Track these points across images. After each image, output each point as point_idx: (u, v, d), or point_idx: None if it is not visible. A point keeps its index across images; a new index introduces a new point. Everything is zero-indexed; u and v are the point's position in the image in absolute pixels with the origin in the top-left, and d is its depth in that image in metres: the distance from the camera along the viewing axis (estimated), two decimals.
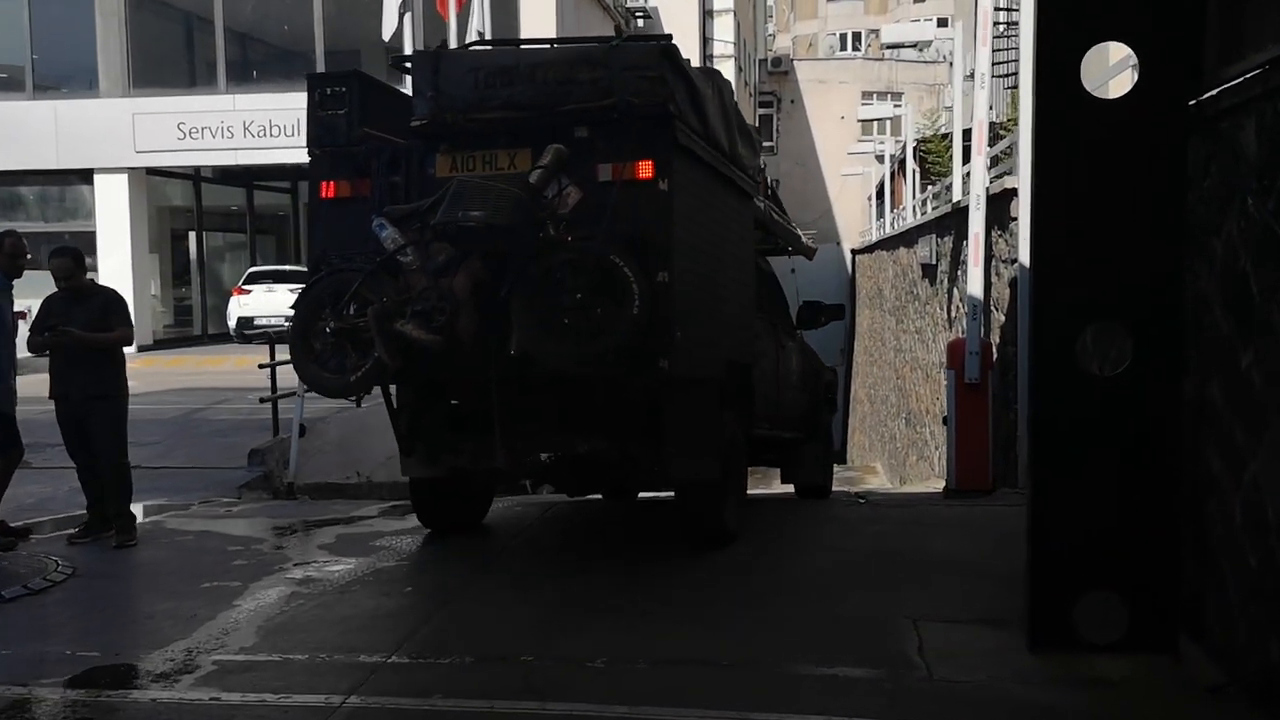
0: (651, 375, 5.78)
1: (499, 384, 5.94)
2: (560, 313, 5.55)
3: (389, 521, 7.88)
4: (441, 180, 5.81)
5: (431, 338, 5.61)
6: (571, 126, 5.75)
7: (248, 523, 7.89)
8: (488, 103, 5.86)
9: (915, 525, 7.61)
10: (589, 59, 5.83)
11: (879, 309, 23.88)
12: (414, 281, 5.74)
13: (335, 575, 6.31)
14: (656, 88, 5.65)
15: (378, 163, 6.05)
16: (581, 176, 5.61)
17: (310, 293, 5.97)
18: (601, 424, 6.33)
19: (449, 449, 6.54)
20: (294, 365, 6.18)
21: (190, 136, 21.18)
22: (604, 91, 5.70)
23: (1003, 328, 9.67)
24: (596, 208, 5.54)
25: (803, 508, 8.77)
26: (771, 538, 7.29)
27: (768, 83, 48.57)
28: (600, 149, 5.71)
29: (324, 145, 6.25)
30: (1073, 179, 4.90)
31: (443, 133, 5.97)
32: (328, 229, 6.19)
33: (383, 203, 5.92)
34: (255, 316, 22.26)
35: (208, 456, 10.48)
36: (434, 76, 5.98)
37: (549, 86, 5.78)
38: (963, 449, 9.45)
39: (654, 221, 5.69)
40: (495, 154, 5.88)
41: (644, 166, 5.68)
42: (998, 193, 9.41)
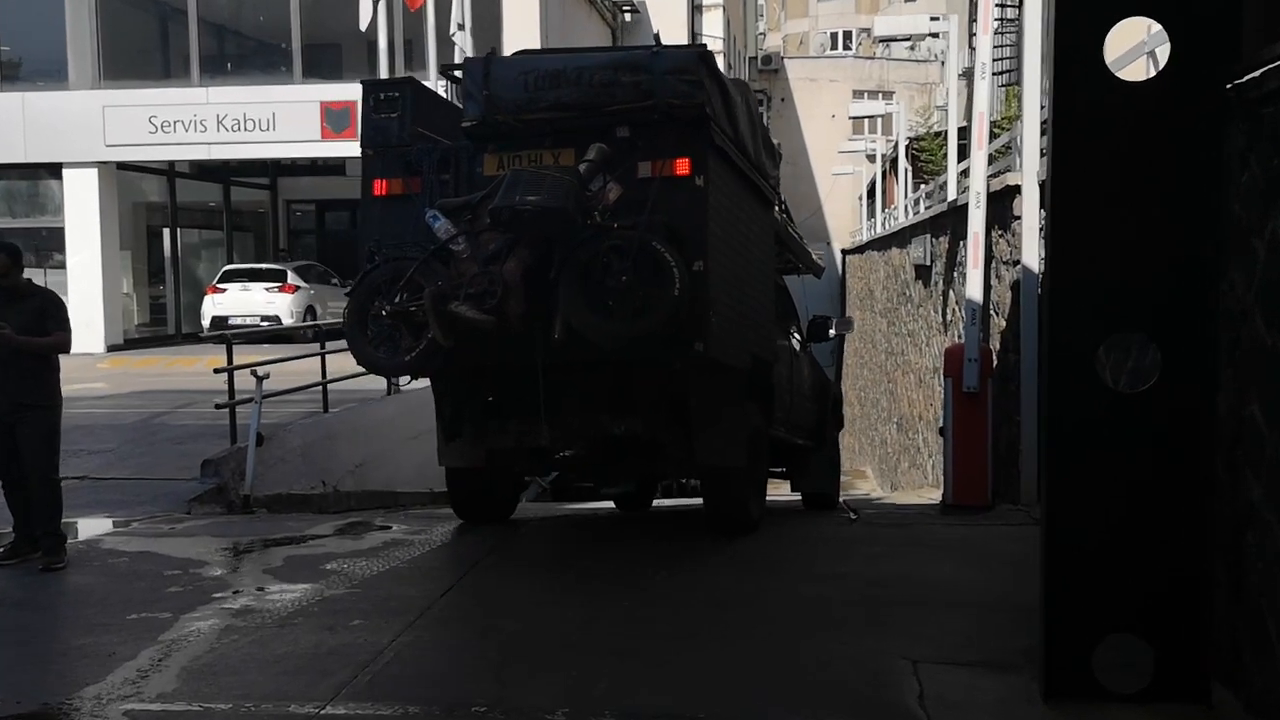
0: (687, 357, 6.16)
1: (545, 365, 6.24)
2: (606, 294, 5.89)
3: (344, 541, 7.32)
4: (489, 178, 6.26)
5: (484, 318, 5.92)
6: (614, 127, 6.14)
7: (191, 542, 7.29)
8: (536, 104, 6.22)
9: (912, 547, 7.06)
10: (632, 64, 6.17)
11: (870, 310, 23.37)
12: (465, 268, 6.07)
13: (277, 605, 5.74)
14: (695, 91, 6.03)
15: (428, 162, 6.46)
16: (623, 173, 6.03)
17: (366, 280, 6.34)
18: (636, 407, 6.68)
19: (496, 429, 6.89)
20: (350, 348, 6.50)
21: (162, 130, 20.52)
22: (645, 94, 6.05)
23: (1003, 333, 9.13)
24: (636, 202, 5.95)
25: (790, 525, 8.22)
26: (754, 561, 6.74)
27: (758, 81, 48.06)
28: (640, 147, 6.11)
29: (377, 146, 6.64)
30: (1094, 171, 4.36)
31: (493, 133, 6.36)
32: (380, 223, 6.54)
33: (432, 199, 6.32)
34: (230, 316, 21.63)
35: (160, 466, 9.89)
36: (485, 80, 6.29)
37: (594, 89, 6.13)
38: (960, 462, 8.91)
39: (690, 214, 6.07)
40: (541, 153, 6.27)
41: (681, 164, 6.08)
42: (999, 190, 8.86)
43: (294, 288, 21.97)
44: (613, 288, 5.87)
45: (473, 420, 7.00)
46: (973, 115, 9.06)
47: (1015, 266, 8.54)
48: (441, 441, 7.29)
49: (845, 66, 50.49)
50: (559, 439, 6.75)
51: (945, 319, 12.72)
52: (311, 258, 27.45)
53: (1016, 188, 8.36)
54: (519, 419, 6.73)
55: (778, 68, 49.07)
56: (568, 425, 6.68)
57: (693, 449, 6.80)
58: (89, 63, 21.03)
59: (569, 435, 6.78)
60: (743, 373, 6.91)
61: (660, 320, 5.85)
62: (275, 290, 21.79)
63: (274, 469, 10.11)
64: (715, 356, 6.25)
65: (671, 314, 5.85)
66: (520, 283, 5.98)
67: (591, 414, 6.71)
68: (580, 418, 6.70)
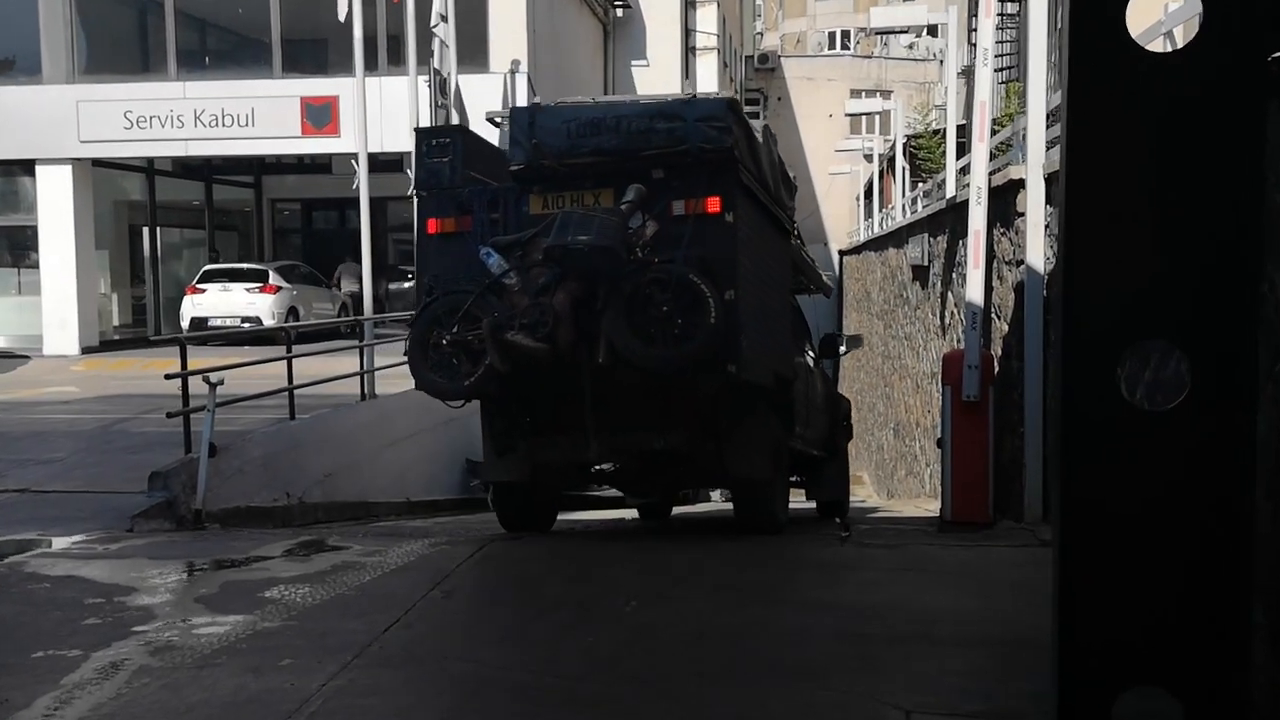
0: (721, 379, 6.78)
1: (591, 387, 6.83)
2: (649, 322, 6.50)
3: (290, 564, 6.73)
4: (535, 217, 6.88)
5: (538, 346, 6.48)
6: (649, 169, 6.74)
7: (123, 566, 6.71)
8: (579, 150, 6.81)
9: (907, 572, 6.49)
10: (666, 112, 6.77)
11: (866, 312, 22.80)
12: (517, 301, 6.64)
13: (202, 641, 5.16)
14: (724, 136, 6.64)
15: (478, 202, 7.05)
16: (659, 211, 6.65)
17: (426, 311, 6.92)
18: (674, 424, 7.19)
19: (545, 446, 7.41)
20: (412, 373, 7.11)
21: (138, 126, 19.96)
22: (679, 139, 6.66)
23: (1005, 339, 8.56)
24: (671, 237, 6.58)
25: (777, 545, 7.64)
26: (737, 588, 6.18)
27: (754, 80, 47.59)
28: (674, 188, 6.72)
29: (430, 188, 7.25)
30: (1115, 158, 3.78)
31: (538, 175, 6.96)
32: (434, 259, 7.16)
33: (482, 237, 6.90)
34: (210, 317, 21.10)
35: (108, 478, 9.31)
36: (530, 128, 6.90)
37: (632, 135, 6.72)
38: (959, 476, 8.35)
39: (721, 248, 6.65)
40: (582, 194, 6.88)
41: (713, 202, 6.65)
42: (1001, 184, 8.29)
43: (276, 288, 21.41)
44: (655, 317, 6.50)
45: (523, 438, 7.48)
46: (973, 106, 8.49)
47: (1019, 267, 7.98)
48: (491, 458, 7.79)
49: (843, 65, 50.00)
50: (604, 454, 7.31)
51: (944, 322, 12.16)
52: (296, 258, 26.91)
53: (1020, 182, 7.79)
54: (568, 436, 7.24)
55: (774, 66, 48.57)
56: (613, 441, 7.21)
57: (723, 461, 7.41)
58: (63, 57, 20.47)
59: (614, 451, 7.33)
60: (768, 390, 7.52)
61: (699, 346, 6.47)
62: (256, 291, 21.23)
63: (231, 481, 9.53)
64: (746, 377, 6.87)
65: (709, 340, 6.47)
66: (569, 313, 6.55)
67: (634, 431, 7.20)
68: (624, 434, 7.21)
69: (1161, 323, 3.79)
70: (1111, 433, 3.78)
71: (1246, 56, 3.64)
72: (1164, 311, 3.76)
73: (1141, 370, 4.06)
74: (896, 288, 17.64)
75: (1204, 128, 3.68)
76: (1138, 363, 4.07)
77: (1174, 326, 3.78)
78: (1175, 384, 3.94)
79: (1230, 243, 3.67)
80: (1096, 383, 3.77)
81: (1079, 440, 3.84)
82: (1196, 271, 3.71)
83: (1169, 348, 3.96)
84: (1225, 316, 3.70)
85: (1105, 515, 3.80)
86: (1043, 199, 7.47)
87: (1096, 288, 3.80)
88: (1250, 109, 3.67)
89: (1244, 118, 3.66)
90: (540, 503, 8.20)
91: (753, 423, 7.39)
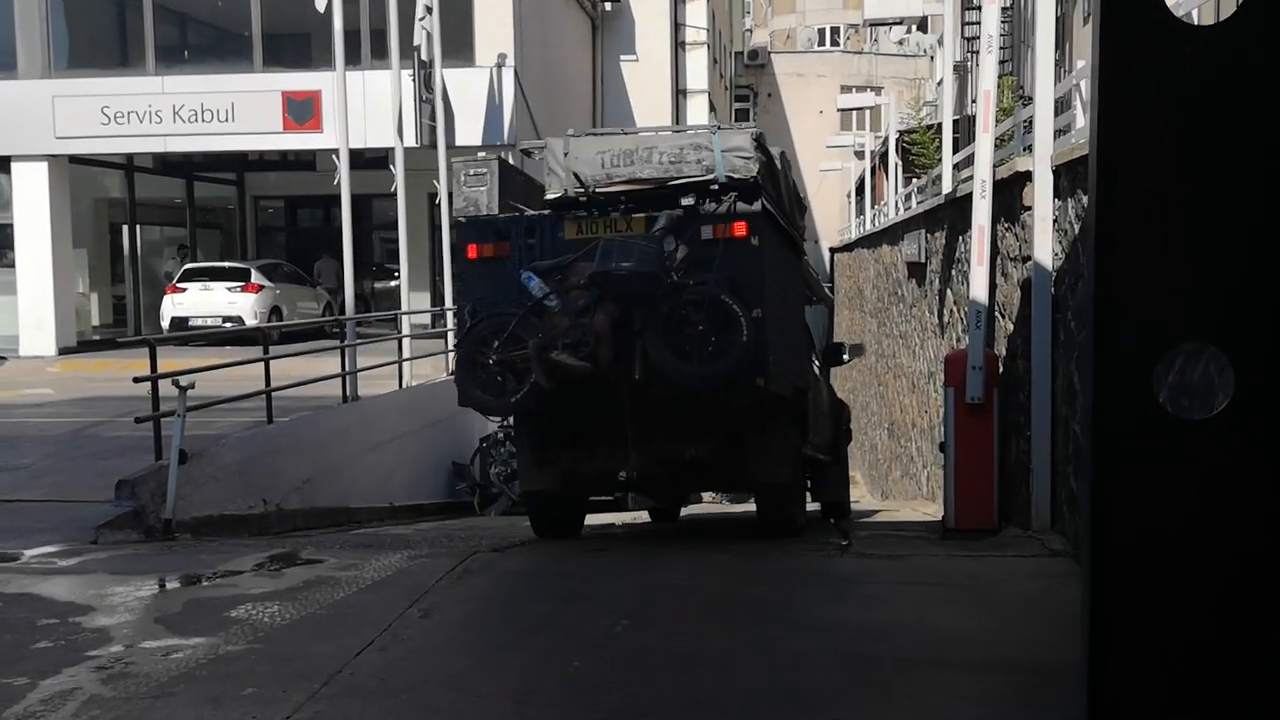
0: (750, 393, 7.14)
1: (630, 402, 7.18)
2: (685, 341, 6.86)
3: (260, 579, 6.36)
4: (570, 242, 7.23)
5: (580, 364, 6.84)
6: (680, 196, 7.24)
7: (82, 582, 6.33)
8: (613, 179, 7.27)
9: (913, 586, 6.14)
10: (696, 143, 7.24)
11: (859, 310, 22.47)
12: (558, 322, 7.00)
13: (159, 667, 4.79)
14: (750, 165, 7.12)
15: (515, 228, 7.36)
16: (688, 236, 7.03)
17: (473, 332, 7.24)
18: (704, 434, 7.56)
19: (584, 456, 7.73)
20: (460, 391, 7.40)
21: (115, 121, 19.51)
22: (707, 169, 7.12)
23: (1010, 338, 8.22)
24: (702, 260, 6.97)
25: (775, 555, 7.29)
26: (732, 605, 5.83)
27: (744, 76, 47.25)
28: (703, 214, 7.17)
29: (469, 215, 7.63)
30: (1153, 141, 3.44)
31: (573, 203, 7.39)
32: (474, 283, 7.52)
33: (520, 262, 7.23)
34: (190, 316, 20.67)
35: (76, 485, 8.92)
36: (565, 158, 7.36)
37: (663, 165, 7.20)
38: (963, 481, 8.01)
39: (748, 269, 7.03)
40: (614, 219, 7.29)
41: (740, 227, 7.05)
42: (1007, 177, 7.94)
43: (258, 287, 20.99)
44: (690, 336, 6.87)
45: (563, 449, 7.80)
46: (978, 94, 8.14)
47: (1025, 263, 7.64)
48: (529, 469, 8.08)
49: (833, 61, 49.68)
50: (642, 464, 7.59)
51: (942, 321, 11.82)
52: (281, 256, 26.48)
53: (1027, 174, 7.44)
54: (607, 448, 7.60)
55: (764, 63, 48.23)
56: (649, 452, 7.53)
57: (747, 468, 7.83)
58: (39, 50, 20.01)
59: (650, 461, 7.60)
60: (788, 401, 7.88)
61: (732, 363, 6.82)
62: (238, 290, 20.82)
63: (204, 488, 9.15)
64: (773, 390, 7.26)
65: (741, 357, 6.81)
66: (609, 333, 6.91)
67: (668, 442, 7.53)
68: (659, 445, 7.53)
69: (1203, 325, 3.45)
70: (1147, 443, 3.44)
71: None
72: (1205, 310, 3.42)
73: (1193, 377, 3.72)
74: (891, 285, 17.31)
75: (1249, 108, 3.34)
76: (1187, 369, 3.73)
77: (1215, 327, 3.44)
78: (1205, 388, 3.60)
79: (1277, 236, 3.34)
80: (1131, 391, 3.43)
81: (1112, 452, 3.49)
82: (1242, 265, 3.37)
83: (1198, 348, 3.62)
84: (1273, 317, 3.36)
85: (1141, 533, 3.45)
86: (1050, 192, 7.13)
87: (1130, 284, 3.45)
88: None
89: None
90: (571, 510, 8.62)
91: (774, 432, 7.79)
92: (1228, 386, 3.44)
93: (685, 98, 29.64)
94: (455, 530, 10.37)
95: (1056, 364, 7.13)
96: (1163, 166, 3.42)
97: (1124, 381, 3.44)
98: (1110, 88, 3.47)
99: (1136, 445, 3.43)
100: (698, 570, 6.71)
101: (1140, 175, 3.44)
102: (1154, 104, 3.41)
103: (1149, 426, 3.43)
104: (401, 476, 14.12)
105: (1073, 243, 6.80)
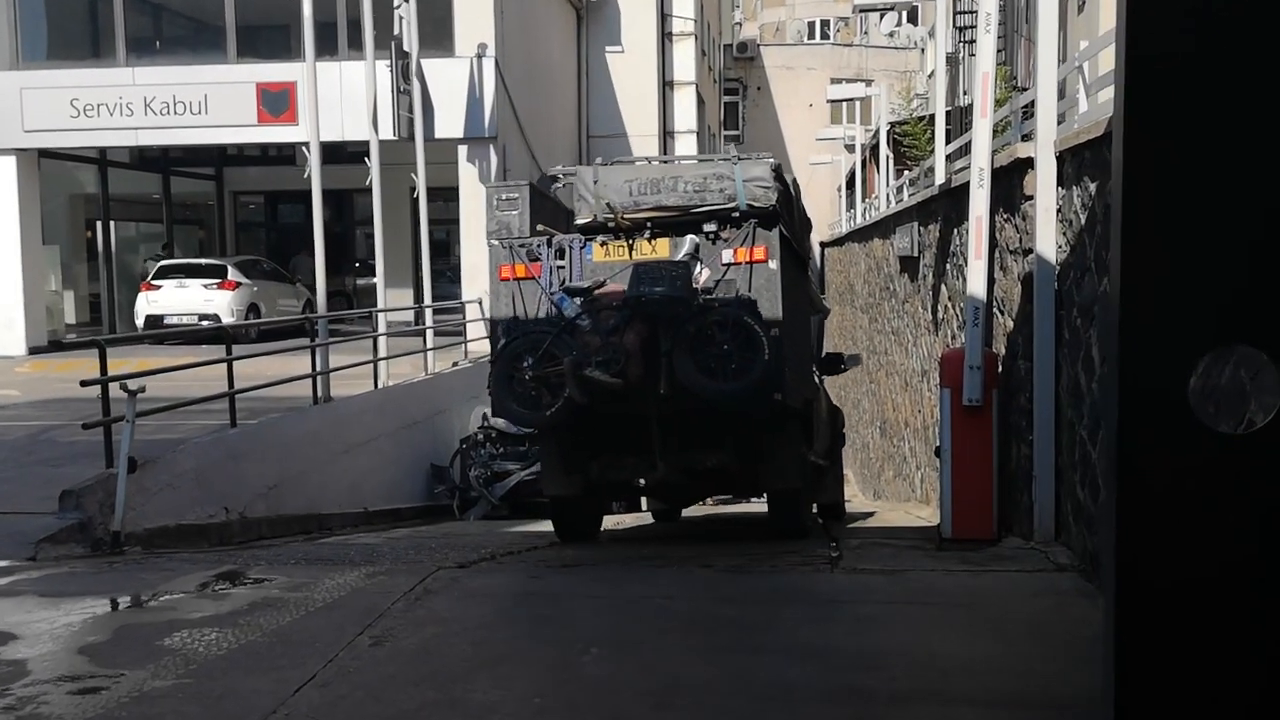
0: (768, 406, 7.56)
1: (658, 416, 7.69)
2: (711, 359, 7.31)
3: (201, 602, 5.87)
4: (598, 265, 7.83)
5: (613, 381, 7.30)
6: (702, 222, 7.68)
7: (7, 605, 5.81)
8: (640, 206, 7.76)
9: (909, 606, 5.67)
10: (718, 173, 7.70)
11: (849, 305, 22.01)
12: (590, 340, 7.47)
13: (73, 711, 4.30)
14: (769, 194, 7.63)
15: (546, 250, 7.91)
16: (711, 259, 7.60)
17: (508, 349, 7.68)
18: (722, 445, 8.03)
19: (612, 464, 8.18)
20: (497, 405, 7.85)
21: (85, 114, 18.98)
22: (729, 197, 7.62)
23: (1010, 336, 7.75)
24: (723, 283, 7.56)
25: (762, 571, 6.81)
26: (715, 627, 5.36)
27: (734, 69, 46.78)
28: (724, 239, 7.65)
29: (501, 238, 8.10)
30: (1187, 115, 2.97)
31: (601, 228, 7.89)
32: (506, 302, 7.98)
33: (550, 283, 7.81)
34: (165, 314, 20.13)
35: (19, 495, 8.41)
36: (594, 185, 7.85)
37: (688, 193, 7.68)
38: (960, 488, 7.55)
39: (767, 291, 7.57)
40: (639, 243, 7.80)
41: (759, 251, 7.58)
42: (1006, 165, 7.46)
43: (235, 284, 20.48)
44: (716, 354, 7.34)
45: (593, 459, 8.20)
46: (976, 76, 7.66)
47: (1026, 256, 7.17)
48: (555, 475, 8.53)
49: (823, 54, 49.21)
50: (668, 473, 8.04)
51: (936, 317, 11.36)
52: (261, 252, 25.96)
53: (1028, 161, 6.96)
54: (636, 458, 8.06)
55: (754, 55, 47.75)
56: (674, 461, 7.98)
57: (759, 475, 8.43)
58: (6, 42, 19.47)
59: (675, 470, 8.05)
60: (799, 412, 8.33)
61: (754, 379, 7.30)
62: (214, 287, 20.30)
63: (158, 497, 8.66)
64: (789, 403, 7.74)
65: (763, 374, 7.30)
66: (638, 351, 7.38)
67: (691, 452, 8.01)
68: (683, 455, 8.00)
69: (1247, 327, 2.98)
70: (1182, 462, 2.98)
71: None
72: (1250, 313, 2.96)
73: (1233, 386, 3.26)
74: (882, 280, 16.85)
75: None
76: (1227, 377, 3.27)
77: (1263, 331, 2.97)
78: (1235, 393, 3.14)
79: None
80: (1163, 401, 2.96)
81: (1138, 473, 3.04)
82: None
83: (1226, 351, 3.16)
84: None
85: (1174, 568, 2.99)
86: (1054, 179, 6.65)
87: (1162, 281, 2.99)
88: None
89: None
90: (593, 513, 9.19)
91: (785, 441, 8.26)
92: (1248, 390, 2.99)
93: (672, 90, 29.16)
94: (427, 539, 9.89)
95: (1060, 364, 6.66)
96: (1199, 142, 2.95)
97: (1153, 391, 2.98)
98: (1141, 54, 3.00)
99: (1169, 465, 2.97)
100: (678, 588, 6.23)
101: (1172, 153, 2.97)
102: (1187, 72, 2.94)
103: (1184, 443, 2.97)
104: (377, 480, 13.61)
105: (1078, 234, 6.33)
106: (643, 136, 27.83)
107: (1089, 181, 6.12)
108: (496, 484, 14.74)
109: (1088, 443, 6.09)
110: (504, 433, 15.39)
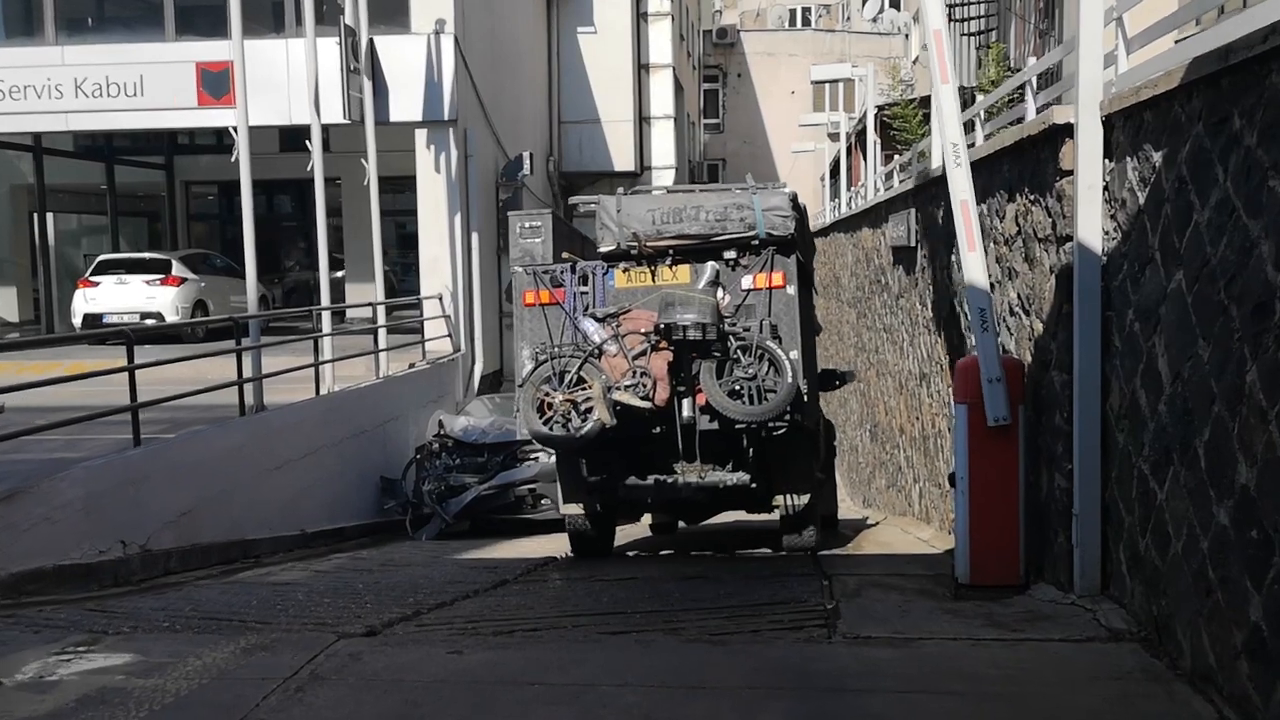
0: (789, 425, 8.00)
1: (683, 436, 8.03)
2: (736, 382, 7.82)
3: (19, 697, 4.52)
4: (621, 291, 8.22)
5: (642, 403, 7.84)
6: (723, 250, 8.05)
7: None
8: (663, 234, 8.08)
9: (927, 698, 4.39)
10: (738, 202, 8.02)
11: (835, 299, 20.75)
12: (615, 364, 7.98)
13: None
14: (787, 223, 8.01)
15: (569, 277, 8.26)
16: (731, 286, 8.05)
17: (536, 373, 8.05)
18: (741, 463, 8.45)
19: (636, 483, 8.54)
20: (528, 427, 8.07)
21: (10, 96, 17.56)
22: (749, 226, 7.98)
23: (1040, 342, 6.46)
24: (744, 308, 8.03)
25: (740, 639, 5.51)
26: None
27: (713, 55, 45.49)
28: (744, 266, 8.08)
29: (525, 265, 8.41)
30: None
31: (624, 255, 8.22)
32: (531, 327, 8.32)
33: (573, 308, 8.18)
34: (104, 313, 18.73)
35: None
36: (618, 214, 8.14)
37: (709, 222, 8.00)
38: (980, 524, 6.30)
39: (786, 315, 8.05)
40: (660, 270, 8.16)
41: (778, 277, 8.04)
42: (1035, 134, 6.17)
43: (179, 280, 19.10)
44: (740, 377, 7.78)
45: (617, 478, 8.58)
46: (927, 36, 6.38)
47: (1062, 245, 5.90)
48: (576, 493, 8.86)
49: (805, 40, 47.93)
50: (692, 492, 8.44)
51: (938, 314, 10.10)
52: (215, 246, 24.58)
53: (1066, 128, 5.68)
54: (657, 476, 8.48)
55: (734, 41, 46.47)
56: (697, 480, 8.40)
57: (771, 491, 8.77)
58: None
59: (698, 489, 8.46)
60: (810, 430, 8.69)
61: (780, 401, 7.71)
62: (157, 283, 18.90)
63: (32, 533, 7.34)
64: (806, 423, 8.25)
65: (786, 396, 7.70)
66: (665, 375, 7.82)
67: (713, 470, 8.45)
68: (705, 473, 8.42)
69: None
70: None
71: None
72: None
73: None
74: (873, 273, 15.58)
75: None
76: None
77: None
78: None
79: None
80: None
81: None
82: None
83: None
84: None
85: None
86: (1099, 151, 5.37)
87: None
88: None
89: None
90: (607, 528, 9.53)
91: (797, 458, 8.66)
92: None
93: (648, 73, 27.81)
94: (358, 574, 8.62)
95: (1109, 378, 5.39)
96: None
97: None
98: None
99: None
100: (635, 665, 4.92)
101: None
102: None
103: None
104: (319, 497, 12.27)
105: (1134, 217, 5.06)
106: (617, 122, 26.50)
107: (1150, 150, 4.86)
108: (451, 499, 13.41)
109: (1150, 479, 4.83)
110: (461, 442, 14.10)
